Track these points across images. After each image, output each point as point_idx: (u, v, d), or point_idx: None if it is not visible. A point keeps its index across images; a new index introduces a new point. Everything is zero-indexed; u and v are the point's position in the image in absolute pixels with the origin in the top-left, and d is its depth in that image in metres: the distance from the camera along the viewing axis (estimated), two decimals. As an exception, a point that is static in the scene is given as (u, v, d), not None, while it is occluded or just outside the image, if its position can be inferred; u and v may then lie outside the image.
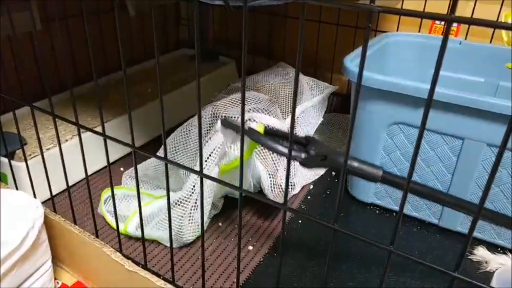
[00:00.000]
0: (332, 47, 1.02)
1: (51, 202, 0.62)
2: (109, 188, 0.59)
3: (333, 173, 0.82)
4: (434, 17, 0.26)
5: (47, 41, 0.89)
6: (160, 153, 0.53)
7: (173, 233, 0.56)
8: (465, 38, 0.85)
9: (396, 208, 0.71)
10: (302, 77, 0.87)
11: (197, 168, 0.40)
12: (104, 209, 0.67)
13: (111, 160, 0.81)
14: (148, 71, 1.06)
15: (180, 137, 0.63)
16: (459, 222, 0.65)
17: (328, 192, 0.77)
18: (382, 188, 0.70)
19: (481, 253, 0.63)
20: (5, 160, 0.66)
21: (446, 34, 0.25)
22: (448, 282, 0.30)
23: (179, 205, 0.60)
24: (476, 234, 0.65)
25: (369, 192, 0.71)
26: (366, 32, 0.28)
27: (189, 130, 0.64)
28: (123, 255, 0.52)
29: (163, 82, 0.98)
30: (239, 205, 0.37)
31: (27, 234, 0.49)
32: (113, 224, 0.64)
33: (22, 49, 0.86)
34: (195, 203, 0.59)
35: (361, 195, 0.73)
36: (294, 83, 0.32)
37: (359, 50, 0.71)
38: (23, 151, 0.61)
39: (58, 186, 0.71)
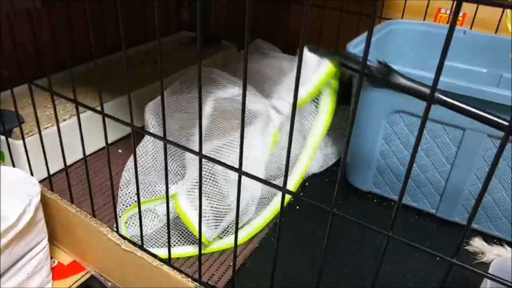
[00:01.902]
0: (335, 33, 1.01)
1: (48, 182, 0.62)
2: (130, 208, 0.58)
3: (332, 162, 0.81)
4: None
5: (46, 19, 0.88)
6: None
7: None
8: (470, 28, 0.84)
9: (394, 197, 0.70)
10: (281, 56, 0.83)
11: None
12: (128, 232, 0.60)
13: (109, 141, 0.81)
14: (148, 52, 1.05)
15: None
16: (457, 213, 0.65)
17: (326, 180, 0.77)
18: (381, 177, 0.70)
19: (477, 244, 0.63)
20: (2, 138, 0.66)
21: (455, 14, 0.25)
22: (444, 270, 0.30)
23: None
24: (473, 225, 0.65)
25: (368, 181, 0.71)
26: (372, 18, 0.28)
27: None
28: (120, 235, 0.52)
29: (164, 64, 0.97)
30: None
31: (23, 211, 0.48)
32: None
33: (21, 27, 0.85)
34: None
35: (359, 184, 0.73)
36: (297, 71, 0.31)
37: (362, 36, 0.70)
38: (21, 129, 0.60)
39: (56, 166, 0.71)
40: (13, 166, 0.66)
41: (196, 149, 0.39)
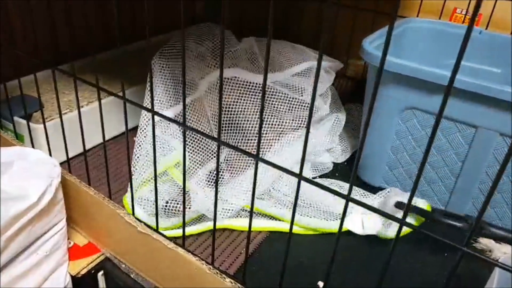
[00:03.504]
0: (348, 31, 1.01)
1: (66, 166, 0.64)
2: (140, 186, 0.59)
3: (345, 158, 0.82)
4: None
5: (64, 5, 0.90)
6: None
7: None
8: (486, 28, 0.84)
9: (405, 193, 0.71)
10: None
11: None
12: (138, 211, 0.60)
13: (122, 131, 0.82)
14: (162, 43, 1.06)
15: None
16: (466, 210, 0.66)
17: (336, 174, 0.78)
18: (391, 172, 0.70)
19: (485, 241, 0.63)
20: (23, 121, 0.68)
21: (475, 11, 0.26)
22: (450, 266, 0.31)
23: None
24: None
25: (378, 176, 0.72)
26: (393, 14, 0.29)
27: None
28: (136, 218, 0.53)
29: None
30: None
31: (44, 191, 0.50)
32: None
33: (39, 13, 0.86)
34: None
35: (370, 179, 0.74)
36: (315, 76, 0.32)
37: (378, 33, 0.71)
38: (42, 113, 0.62)
39: (71, 151, 0.72)
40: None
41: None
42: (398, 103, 0.64)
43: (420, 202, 0.66)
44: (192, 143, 0.61)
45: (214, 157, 0.63)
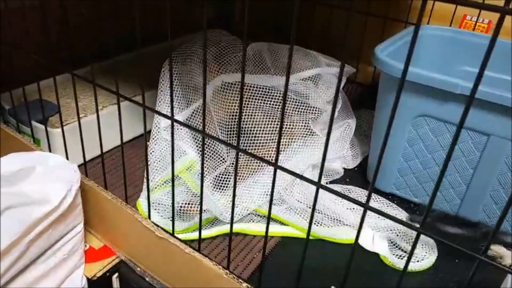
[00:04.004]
0: (359, 36, 1.02)
1: (83, 169, 0.65)
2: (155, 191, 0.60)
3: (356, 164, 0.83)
4: (488, 7, 0.27)
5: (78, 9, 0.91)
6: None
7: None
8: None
9: (415, 199, 0.72)
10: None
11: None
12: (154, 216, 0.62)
13: (138, 134, 0.84)
14: (173, 48, 1.07)
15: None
16: (477, 217, 0.66)
17: (347, 180, 0.78)
18: (402, 179, 0.71)
19: (496, 248, 0.64)
20: (40, 126, 0.69)
21: (498, 27, 0.27)
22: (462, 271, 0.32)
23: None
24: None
25: (389, 182, 0.73)
26: (416, 26, 0.29)
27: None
28: (153, 222, 0.54)
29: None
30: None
31: (65, 195, 0.51)
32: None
33: (54, 15, 0.88)
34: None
35: (380, 185, 0.74)
36: (337, 86, 0.33)
37: (390, 41, 0.71)
38: (60, 118, 0.63)
39: (87, 154, 0.74)
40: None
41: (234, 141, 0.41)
42: (410, 110, 0.65)
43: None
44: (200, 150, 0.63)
45: (222, 162, 0.64)
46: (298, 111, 0.70)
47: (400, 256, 0.61)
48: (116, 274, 0.63)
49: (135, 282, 0.60)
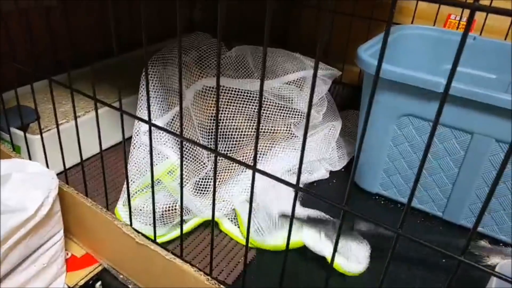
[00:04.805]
0: (344, 37, 1.02)
1: (63, 176, 0.64)
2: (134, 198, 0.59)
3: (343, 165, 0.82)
4: (456, 3, 0.26)
5: (62, 15, 0.90)
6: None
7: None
8: (480, 34, 0.85)
9: (402, 199, 0.71)
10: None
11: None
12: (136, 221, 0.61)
13: (120, 139, 0.82)
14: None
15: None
16: (463, 216, 0.66)
17: (334, 181, 0.78)
18: (388, 179, 0.71)
19: (482, 244, 0.64)
20: (20, 132, 0.67)
21: (468, 23, 0.26)
22: (449, 272, 0.31)
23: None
24: (479, 228, 0.66)
25: (375, 183, 0.72)
26: (388, 22, 0.29)
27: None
28: (134, 229, 0.53)
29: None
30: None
31: (42, 203, 0.50)
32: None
33: (36, 24, 0.86)
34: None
35: (367, 185, 0.74)
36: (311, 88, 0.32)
37: (373, 41, 0.71)
38: (39, 124, 0.62)
39: (68, 161, 0.72)
40: (30, 160, 0.68)
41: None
42: (394, 110, 0.64)
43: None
44: (184, 153, 0.62)
45: (203, 167, 0.63)
46: (281, 115, 0.70)
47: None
48: (99, 282, 0.61)
49: (118, 290, 0.59)
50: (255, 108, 0.66)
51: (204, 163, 0.62)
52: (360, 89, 0.70)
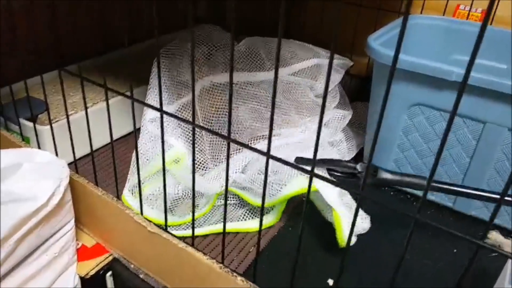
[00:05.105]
0: (350, 28, 1.01)
1: (73, 166, 0.64)
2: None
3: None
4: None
5: (68, 7, 0.90)
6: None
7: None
8: (490, 24, 0.84)
9: (411, 190, 0.71)
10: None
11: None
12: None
13: (130, 130, 0.82)
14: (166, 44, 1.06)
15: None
16: (474, 207, 0.66)
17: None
18: (399, 169, 0.70)
19: (494, 237, 0.63)
20: (29, 123, 0.67)
21: (489, 9, 0.26)
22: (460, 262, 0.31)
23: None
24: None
25: (385, 173, 0.72)
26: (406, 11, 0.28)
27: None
28: (145, 218, 0.53)
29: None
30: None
31: (53, 192, 0.50)
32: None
33: (42, 14, 0.86)
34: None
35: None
36: (326, 77, 0.32)
37: (382, 30, 0.70)
38: (49, 115, 0.62)
39: (78, 152, 0.72)
40: (39, 151, 0.68)
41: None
42: (405, 99, 0.64)
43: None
44: (190, 142, 0.62)
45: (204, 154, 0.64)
46: (296, 104, 0.70)
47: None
48: (110, 272, 0.61)
49: (129, 279, 0.59)
50: (263, 99, 0.66)
51: (204, 153, 0.62)
52: (368, 80, 0.70)
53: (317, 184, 0.55)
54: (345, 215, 0.55)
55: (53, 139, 0.63)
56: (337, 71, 0.76)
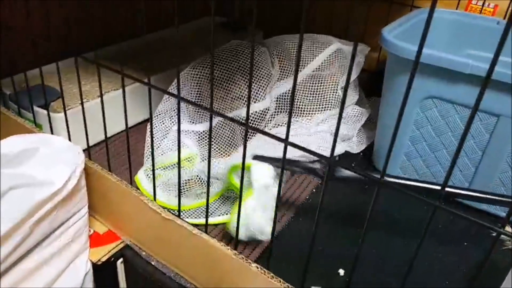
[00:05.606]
0: (361, 22, 1.01)
1: (86, 153, 0.64)
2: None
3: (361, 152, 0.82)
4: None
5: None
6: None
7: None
8: (504, 18, 0.84)
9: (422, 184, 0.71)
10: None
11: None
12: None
13: (142, 119, 0.83)
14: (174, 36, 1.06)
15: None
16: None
17: (353, 165, 0.77)
18: (409, 162, 0.70)
19: (506, 230, 0.63)
20: (42, 111, 0.68)
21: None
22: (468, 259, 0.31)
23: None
24: (501, 213, 0.66)
25: (396, 166, 0.72)
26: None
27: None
28: (159, 204, 0.53)
29: (195, 47, 0.98)
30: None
31: (69, 177, 0.50)
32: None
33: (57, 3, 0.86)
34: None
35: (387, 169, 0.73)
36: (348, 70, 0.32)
37: (397, 22, 0.70)
38: (63, 101, 0.62)
39: (91, 140, 0.73)
40: (52, 138, 0.68)
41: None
42: (418, 92, 0.64)
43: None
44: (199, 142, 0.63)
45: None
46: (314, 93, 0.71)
47: None
48: (121, 259, 0.62)
49: (141, 266, 0.59)
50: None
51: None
52: (379, 74, 0.70)
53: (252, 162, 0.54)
54: (254, 205, 0.52)
55: (67, 126, 0.63)
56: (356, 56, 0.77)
